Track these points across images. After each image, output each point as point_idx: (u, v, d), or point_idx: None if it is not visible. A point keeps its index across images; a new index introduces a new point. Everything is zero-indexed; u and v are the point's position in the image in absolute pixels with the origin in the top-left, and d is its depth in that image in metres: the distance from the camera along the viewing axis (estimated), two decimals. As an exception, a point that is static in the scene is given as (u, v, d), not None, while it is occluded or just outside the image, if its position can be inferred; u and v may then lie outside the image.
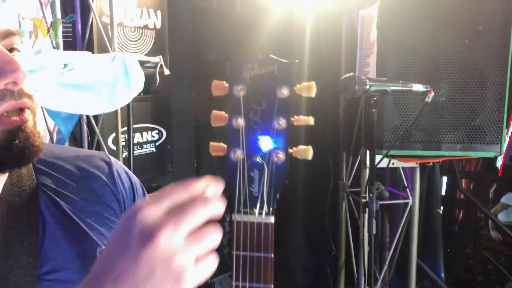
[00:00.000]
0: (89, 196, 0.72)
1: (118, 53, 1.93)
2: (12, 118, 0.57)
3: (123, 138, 2.29)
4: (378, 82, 1.27)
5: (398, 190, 2.42)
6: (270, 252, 0.57)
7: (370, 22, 1.96)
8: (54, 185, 0.70)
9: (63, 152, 0.75)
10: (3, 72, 0.55)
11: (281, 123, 0.58)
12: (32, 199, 0.66)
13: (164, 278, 0.43)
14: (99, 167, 0.76)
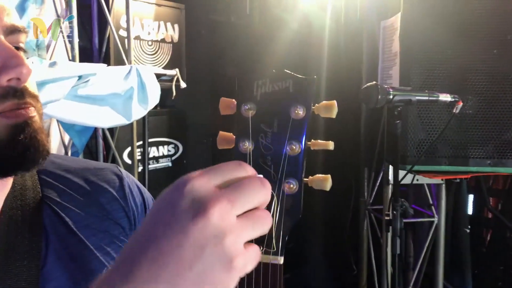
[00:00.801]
0: (97, 211, 0.67)
1: (133, 66, 1.91)
2: (18, 112, 0.54)
3: (139, 152, 2.26)
4: (402, 91, 1.20)
5: (423, 208, 2.31)
6: None
7: (392, 32, 1.89)
8: (60, 199, 0.65)
9: (72, 164, 0.71)
10: (6, 67, 0.52)
11: (294, 148, 0.50)
12: (35, 214, 0.62)
13: (214, 261, 0.35)
14: (109, 180, 0.70)
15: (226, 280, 0.36)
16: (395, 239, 1.55)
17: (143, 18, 2.29)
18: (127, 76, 1.86)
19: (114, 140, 2.15)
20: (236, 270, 0.36)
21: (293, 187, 0.50)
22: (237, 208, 0.37)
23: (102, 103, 1.79)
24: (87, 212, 0.66)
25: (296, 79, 0.52)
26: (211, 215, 0.35)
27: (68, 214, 0.65)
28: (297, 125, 0.50)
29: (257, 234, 0.39)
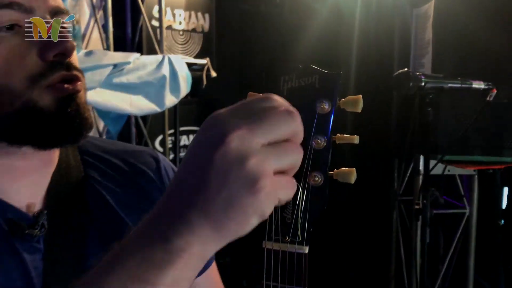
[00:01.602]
0: (136, 192, 0.71)
1: (166, 55, 1.96)
2: (65, 86, 0.57)
3: (170, 141, 2.31)
4: (434, 78, 1.18)
5: (454, 200, 2.27)
6: (303, 285, 0.52)
7: (425, 20, 1.86)
8: (101, 178, 0.69)
9: (111, 146, 0.74)
10: (52, 43, 0.56)
11: (320, 142, 0.51)
12: (79, 192, 0.65)
13: (239, 185, 0.37)
14: (147, 163, 0.74)
15: (253, 202, 0.37)
16: (425, 228, 1.55)
17: (175, 8, 2.33)
18: (160, 65, 1.90)
19: (147, 128, 2.20)
20: (262, 192, 0.37)
21: (319, 180, 0.51)
22: (258, 136, 0.38)
23: (136, 92, 1.84)
24: (127, 192, 0.70)
25: (321, 74, 0.52)
26: (231, 141, 0.37)
27: (109, 193, 0.68)
28: (322, 119, 0.51)
29: (285, 164, 0.39)
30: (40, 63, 0.56)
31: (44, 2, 0.57)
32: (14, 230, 0.58)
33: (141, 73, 1.84)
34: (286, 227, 0.51)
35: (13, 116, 0.56)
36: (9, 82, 0.55)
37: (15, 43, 0.55)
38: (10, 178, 0.60)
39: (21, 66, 0.55)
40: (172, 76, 1.95)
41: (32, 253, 0.59)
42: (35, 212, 0.61)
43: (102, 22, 2.02)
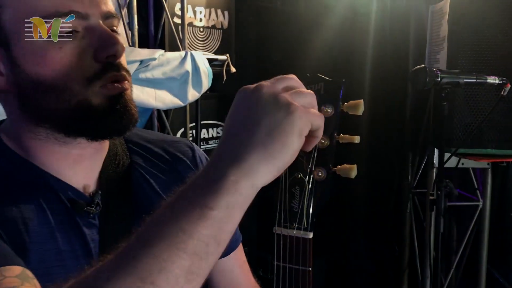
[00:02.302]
0: (175, 177, 0.78)
1: (188, 51, 2.03)
2: (115, 85, 0.63)
3: (191, 134, 2.39)
4: (450, 74, 1.24)
5: (468, 192, 2.32)
6: (308, 265, 0.59)
7: (441, 17, 1.91)
8: (145, 164, 0.77)
9: (152, 136, 0.82)
10: (105, 46, 0.62)
11: (324, 141, 0.58)
12: (126, 176, 0.73)
13: (276, 110, 0.47)
14: (184, 151, 0.82)
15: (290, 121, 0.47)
16: (439, 219, 1.60)
17: (196, 6, 2.40)
18: (183, 61, 1.98)
19: (169, 121, 2.29)
20: (296, 113, 0.48)
21: (322, 175, 0.58)
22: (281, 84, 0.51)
23: (161, 86, 1.92)
24: (167, 177, 0.77)
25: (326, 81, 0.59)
26: (263, 85, 0.50)
27: (152, 177, 0.76)
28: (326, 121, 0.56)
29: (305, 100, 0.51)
30: (95, 64, 0.62)
31: (97, 9, 0.63)
32: (75, 207, 0.66)
33: (165, 69, 1.92)
34: (294, 216, 0.59)
35: (70, 112, 0.62)
36: (68, 82, 0.61)
37: (74, 47, 0.61)
38: (68, 163, 0.68)
39: (79, 68, 0.61)
40: (195, 71, 2.03)
41: (89, 227, 0.67)
42: (91, 193, 0.69)
43: (127, 20, 2.09)
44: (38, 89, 0.62)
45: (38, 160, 0.67)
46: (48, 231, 0.64)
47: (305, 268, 0.59)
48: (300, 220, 0.60)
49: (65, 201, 0.66)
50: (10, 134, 0.68)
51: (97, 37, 0.62)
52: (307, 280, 0.59)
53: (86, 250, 0.66)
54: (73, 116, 0.63)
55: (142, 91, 1.85)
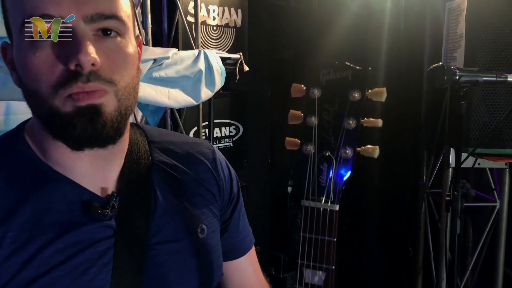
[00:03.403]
0: (195, 178, 0.79)
1: (202, 50, 2.02)
2: (81, 95, 0.59)
3: (204, 132, 2.39)
4: (469, 72, 1.21)
5: (484, 193, 2.28)
6: (334, 236, 0.64)
7: (458, 14, 1.87)
8: (166, 165, 0.77)
9: (173, 138, 0.83)
10: (72, 53, 0.58)
11: (351, 123, 0.64)
12: (147, 176, 0.73)
13: None
14: (204, 153, 0.82)
15: None
16: (455, 220, 1.57)
17: (209, 4, 2.39)
18: (196, 60, 1.97)
19: (182, 120, 2.29)
20: None
21: (348, 153, 0.64)
22: None
23: (174, 85, 1.92)
24: (187, 178, 0.78)
25: (354, 69, 0.64)
26: None
27: (173, 178, 0.76)
28: (354, 105, 0.64)
29: None
30: (64, 72, 0.59)
31: (78, 11, 0.58)
32: (89, 209, 0.66)
33: (178, 68, 1.92)
34: (321, 190, 0.65)
35: (45, 116, 0.61)
36: (38, 88, 0.59)
37: (47, 53, 0.59)
38: (83, 165, 0.67)
39: (48, 74, 0.59)
40: (208, 70, 2.02)
41: (104, 230, 0.67)
42: (108, 195, 0.69)
43: (141, 19, 2.10)
44: (25, 91, 0.63)
45: (54, 162, 0.67)
46: (60, 234, 0.64)
47: (330, 238, 0.64)
48: (327, 194, 0.65)
49: (79, 204, 0.66)
50: (32, 134, 0.68)
51: (67, 42, 0.58)
52: (332, 250, 0.64)
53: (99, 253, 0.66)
54: (48, 123, 0.62)
55: (155, 90, 1.85)
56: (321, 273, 0.64)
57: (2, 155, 0.67)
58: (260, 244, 2.82)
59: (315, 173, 0.65)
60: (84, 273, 0.64)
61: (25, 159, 0.67)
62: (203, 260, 0.75)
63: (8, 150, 0.67)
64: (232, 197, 0.85)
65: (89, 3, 0.59)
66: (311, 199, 0.65)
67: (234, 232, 0.87)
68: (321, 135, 0.65)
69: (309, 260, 0.64)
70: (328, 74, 0.66)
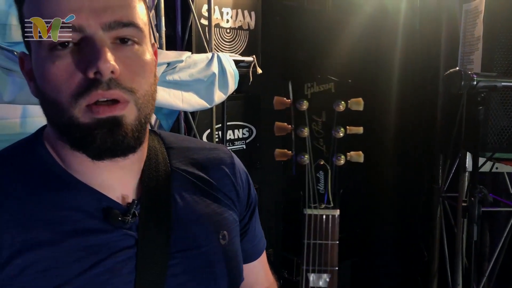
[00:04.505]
0: (214, 184, 0.78)
1: (215, 53, 2.02)
2: (101, 107, 0.59)
3: (217, 135, 2.39)
4: (487, 77, 1.19)
5: (501, 197, 2.24)
6: (336, 239, 0.67)
7: (476, 16, 1.84)
8: (185, 172, 0.77)
9: (190, 144, 0.83)
10: (91, 61, 0.58)
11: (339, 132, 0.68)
12: (166, 183, 0.73)
13: None
14: (222, 159, 0.82)
15: None
16: (472, 226, 1.54)
17: (222, 7, 2.39)
18: (209, 63, 1.97)
19: (195, 123, 2.29)
20: None
21: (341, 161, 0.67)
22: None
23: (187, 89, 1.92)
24: (206, 184, 0.77)
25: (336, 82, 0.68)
26: None
27: (192, 185, 0.76)
28: (340, 115, 0.68)
29: None
30: (83, 80, 0.58)
31: (96, 19, 0.58)
32: (109, 217, 0.65)
33: (192, 71, 1.92)
34: (321, 197, 0.68)
35: (63, 127, 0.61)
36: (57, 97, 0.59)
37: (66, 62, 0.58)
38: (101, 173, 0.67)
39: (67, 83, 0.58)
40: (221, 73, 2.02)
41: (125, 239, 0.66)
42: (128, 203, 0.68)
43: (155, 22, 2.11)
44: (44, 101, 0.62)
45: (72, 169, 0.67)
46: (80, 242, 0.64)
47: (333, 242, 0.67)
48: (327, 200, 0.68)
49: (99, 211, 0.66)
50: (50, 141, 0.68)
51: (88, 51, 0.58)
52: (335, 253, 0.67)
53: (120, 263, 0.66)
54: (67, 132, 0.62)
55: (169, 93, 1.85)
56: (325, 276, 0.66)
57: (21, 160, 0.67)
58: (273, 246, 2.81)
59: (313, 181, 0.68)
60: (106, 283, 0.63)
61: (44, 165, 0.67)
62: (225, 267, 0.75)
63: (27, 155, 0.68)
64: (250, 201, 0.86)
65: (107, 11, 0.59)
66: (313, 207, 0.67)
67: (251, 236, 0.87)
68: (313, 145, 0.68)
69: (314, 265, 0.66)
70: (312, 87, 0.69)
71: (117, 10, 0.60)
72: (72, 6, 0.58)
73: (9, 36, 1.69)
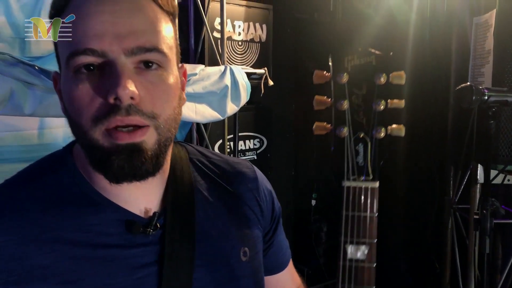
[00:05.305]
0: (237, 198, 0.79)
1: (228, 66, 2.06)
2: (120, 134, 0.60)
3: (229, 145, 2.42)
4: (498, 92, 1.20)
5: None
6: (375, 212, 0.67)
7: (486, 29, 1.86)
8: (208, 185, 0.77)
9: (214, 157, 0.83)
10: (111, 87, 0.59)
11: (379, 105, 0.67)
12: (190, 196, 0.74)
13: None
14: (245, 173, 0.83)
15: None
16: (484, 238, 1.54)
17: (234, 20, 2.44)
18: (222, 76, 2.01)
19: (207, 133, 2.32)
20: None
21: (381, 133, 0.67)
22: None
23: (200, 100, 1.96)
24: (229, 198, 0.78)
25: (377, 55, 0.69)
26: None
27: (215, 199, 0.77)
28: (380, 88, 0.67)
29: None
30: (103, 105, 0.59)
31: (118, 44, 0.59)
32: (132, 229, 0.67)
33: (205, 83, 1.96)
34: (360, 169, 0.68)
35: (86, 147, 0.63)
36: (80, 120, 0.61)
37: (89, 86, 0.60)
38: (126, 192, 0.68)
39: (88, 107, 0.60)
40: (234, 85, 2.05)
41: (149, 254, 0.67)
42: (150, 216, 0.69)
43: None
44: (69, 121, 0.64)
45: (99, 186, 0.68)
46: (102, 257, 0.65)
47: (372, 214, 0.67)
48: (366, 173, 0.68)
49: (122, 226, 0.67)
50: (79, 156, 0.69)
51: (108, 75, 0.59)
52: (374, 225, 0.67)
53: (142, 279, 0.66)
54: (89, 153, 0.63)
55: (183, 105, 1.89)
56: (364, 248, 0.67)
57: (50, 176, 0.69)
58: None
59: (353, 154, 0.68)
60: None
61: (69, 180, 0.68)
62: (246, 282, 0.75)
63: (56, 172, 0.69)
64: (274, 215, 0.86)
65: (130, 37, 0.60)
66: (352, 179, 0.67)
67: (277, 248, 0.88)
68: (353, 118, 0.68)
69: (352, 237, 0.66)
70: (353, 60, 0.70)
71: (140, 35, 0.60)
72: (97, 31, 0.59)
73: (28, 50, 1.73)
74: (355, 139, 0.68)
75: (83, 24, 0.60)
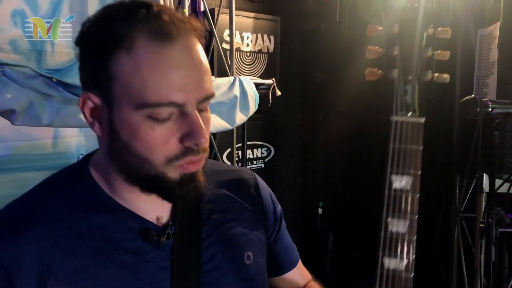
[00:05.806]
0: (240, 205, 0.84)
1: (237, 77, 2.11)
2: (189, 165, 0.69)
3: (237, 154, 2.46)
4: (501, 104, 1.24)
5: (519, 218, 2.24)
6: (421, 144, 0.72)
7: (490, 41, 1.89)
8: (212, 194, 0.83)
9: (218, 166, 0.89)
10: (191, 135, 0.66)
11: (428, 53, 0.73)
12: (196, 207, 0.79)
13: None
14: (247, 180, 0.88)
15: None
16: (490, 247, 1.56)
17: (243, 31, 2.49)
18: (231, 86, 2.06)
19: (216, 142, 2.37)
20: None
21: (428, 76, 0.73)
22: None
23: (210, 111, 2.00)
24: (234, 205, 0.84)
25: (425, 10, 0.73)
26: None
27: (219, 207, 0.82)
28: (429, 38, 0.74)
29: None
30: (177, 147, 0.67)
31: (194, 97, 0.66)
32: (146, 236, 0.72)
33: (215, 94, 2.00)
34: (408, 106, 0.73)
35: (147, 179, 0.69)
36: (151, 157, 0.67)
37: (165, 130, 0.66)
38: (143, 199, 0.73)
39: (163, 147, 0.66)
40: (242, 96, 2.10)
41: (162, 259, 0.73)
42: (163, 224, 0.75)
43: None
44: (126, 152, 0.68)
45: (118, 195, 0.74)
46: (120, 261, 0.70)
47: (418, 147, 0.71)
48: (413, 109, 0.73)
49: (138, 232, 0.73)
50: (99, 169, 0.75)
51: (187, 124, 0.66)
52: (419, 157, 0.72)
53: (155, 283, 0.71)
54: (149, 183, 0.69)
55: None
56: (408, 178, 0.71)
57: (70, 187, 0.74)
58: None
59: (402, 92, 0.73)
60: None
61: (89, 190, 0.73)
62: (250, 286, 0.80)
63: (75, 183, 0.74)
64: (276, 219, 0.91)
65: (202, 88, 0.66)
66: (400, 115, 0.72)
67: (283, 248, 0.93)
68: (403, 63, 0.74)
69: (398, 167, 0.70)
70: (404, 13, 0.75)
71: (206, 85, 0.67)
72: (178, 82, 0.64)
73: (44, 63, 1.79)
74: (404, 80, 0.74)
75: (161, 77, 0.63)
